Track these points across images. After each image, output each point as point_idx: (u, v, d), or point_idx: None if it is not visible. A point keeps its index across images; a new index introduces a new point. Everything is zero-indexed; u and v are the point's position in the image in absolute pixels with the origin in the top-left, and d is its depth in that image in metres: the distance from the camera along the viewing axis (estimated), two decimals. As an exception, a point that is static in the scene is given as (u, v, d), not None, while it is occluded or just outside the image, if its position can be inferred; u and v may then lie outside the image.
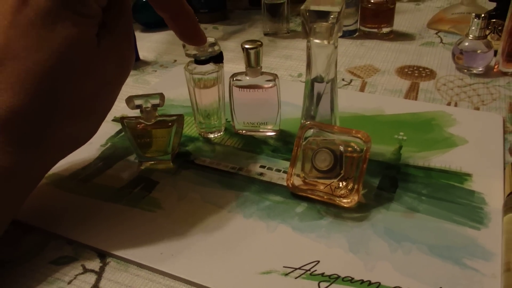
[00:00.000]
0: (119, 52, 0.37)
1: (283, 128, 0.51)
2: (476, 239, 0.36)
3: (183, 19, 0.41)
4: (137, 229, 0.39)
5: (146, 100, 0.44)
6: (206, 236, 0.38)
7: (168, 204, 0.41)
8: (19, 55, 0.31)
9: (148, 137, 0.45)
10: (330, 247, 0.36)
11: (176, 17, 0.41)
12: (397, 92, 0.60)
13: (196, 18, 0.42)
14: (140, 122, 0.45)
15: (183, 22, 0.41)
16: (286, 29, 0.82)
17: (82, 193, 0.43)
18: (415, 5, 0.96)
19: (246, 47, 0.45)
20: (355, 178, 0.39)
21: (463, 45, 0.62)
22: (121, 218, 0.40)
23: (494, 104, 0.56)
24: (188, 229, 0.39)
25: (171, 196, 0.42)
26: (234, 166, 0.46)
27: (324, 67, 0.42)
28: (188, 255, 0.36)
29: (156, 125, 0.45)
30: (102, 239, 0.38)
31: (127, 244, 0.37)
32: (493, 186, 0.42)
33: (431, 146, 0.48)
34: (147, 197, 0.42)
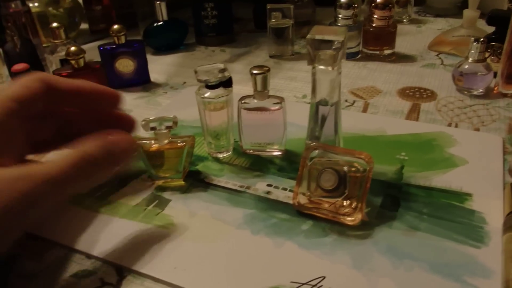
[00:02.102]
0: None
1: (289, 148, 0.53)
2: (477, 257, 0.38)
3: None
4: (151, 245, 0.40)
5: (160, 122, 0.46)
6: (216, 252, 0.39)
7: (180, 221, 0.43)
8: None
9: (161, 157, 0.47)
10: (335, 264, 0.38)
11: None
12: (399, 113, 0.62)
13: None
14: (154, 143, 0.47)
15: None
16: (291, 51, 0.85)
17: (99, 210, 0.45)
18: (416, 27, 0.99)
19: (254, 72, 0.47)
20: (358, 197, 0.41)
21: (463, 67, 0.64)
22: (136, 234, 0.42)
23: (494, 125, 0.58)
24: (199, 244, 0.40)
25: (183, 213, 0.44)
26: (242, 185, 0.48)
27: (328, 91, 0.45)
28: (199, 269, 0.38)
29: (168, 146, 0.47)
30: (119, 254, 0.40)
31: (142, 259, 0.39)
32: (493, 206, 0.43)
33: (432, 166, 0.49)
34: (160, 214, 0.44)
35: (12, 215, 0.32)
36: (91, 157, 0.36)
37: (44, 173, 0.34)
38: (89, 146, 0.36)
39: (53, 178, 0.34)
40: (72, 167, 0.35)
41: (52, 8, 0.94)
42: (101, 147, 0.37)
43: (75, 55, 0.62)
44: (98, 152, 0.36)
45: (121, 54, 0.72)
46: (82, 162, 0.35)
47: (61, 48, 0.72)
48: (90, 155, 0.36)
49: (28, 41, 0.76)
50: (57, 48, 0.72)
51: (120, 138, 0.39)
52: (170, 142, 0.47)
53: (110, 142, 0.38)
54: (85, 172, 0.36)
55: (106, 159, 0.37)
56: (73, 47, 0.63)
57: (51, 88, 0.41)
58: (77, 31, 1.02)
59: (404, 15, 1.02)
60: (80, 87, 0.43)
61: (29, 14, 0.77)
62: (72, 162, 0.35)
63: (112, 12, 1.03)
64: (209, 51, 0.92)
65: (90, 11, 1.02)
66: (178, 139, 0.48)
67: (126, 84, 0.74)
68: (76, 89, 0.42)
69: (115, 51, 0.72)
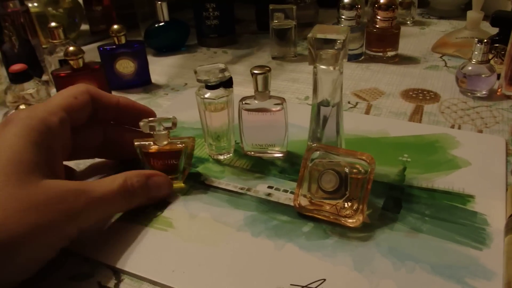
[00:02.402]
0: None
1: (290, 149, 0.53)
2: (478, 259, 0.37)
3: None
4: (150, 247, 0.40)
5: (159, 123, 0.46)
6: (216, 254, 0.39)
7: (179, 223, 0.43)
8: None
9: (160, 159, 0.47)
10: (336, 266, 0.37)
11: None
12: (402, 115, 0.61)
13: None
14: (153, 145, 0.46)
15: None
16: (293, 52, 0.84)
17: (96, 212, 0.45)
18: (419, 29, 0.98)
19: (255, 72, 0.47)
20: (360, 198, 0.41)
21: (466, 69, 0.64)
22: (135, 237, 0.41)
23: (497, 127, 0.57)
24: (198, 247, 0.40)
25: (183, 215, 0.44)
26: (242, 187, 0.48)
27: (330, 91, 0.44)
28: (199, 272, 0.37)
29: (167, 147, 0.46)
30: (117, 256, 0.39)
31: (140, 262, 0.38)
32: (495, 208, 0.43)
33: (435, 168, 0.49)
34: (159, 216, 0.44)
35: (72, 225, 0.36)
36: (134, 189, 0.41)
37: (101, 192, 0.38)
38: (133, 177, 0.41)
39: (107, 198, 0.38)
40: (119, 193, 0.39)
41: (51, 8, 0.93)
42: (144, 182, 0.42)
43: (73, 55, 0.62)
44: (140, 185, 0.42)
45: (121, 55, 0.72)
46: (127, 191, 0.40)
47: (60, 49, 0.72)
48: (133, 187, 0.41)
49: (27, 41, 0.76)
50: (56, 48, 0.72)
51: (161, 180, 0.44)
52: (169, 144, 0.47)
53: (153, 179, 0.43)
54: (126, 200, 0.41)
55: (145, 193, 0.43)
56: (71, 47, 0.62)
57: (95, 100, 0.46)
58: (77, 32, 1.02)
59: (407, 17, 1.01)
60: (120, 102, 0.48)
61: (27, 14, 0.76)
62: (119, 189, 0.40)
63: (112, 13, 1.03)
64: (210, 53, 0.92)
65: (90, 11, 1.02)
66: (177, 140, 0.47)
67: (126, 86, 0.74)
68: (116, 103, 0.48)
69: (115, 52, 0.71)
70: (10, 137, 0.37)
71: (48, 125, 0.39)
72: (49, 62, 0.73)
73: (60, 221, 0.34)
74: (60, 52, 0.71)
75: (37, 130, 0.38)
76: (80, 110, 0.44)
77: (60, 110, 0.41)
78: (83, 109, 0.44)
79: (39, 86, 0.62)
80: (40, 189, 0.35)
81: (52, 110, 0.41)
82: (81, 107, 0.44)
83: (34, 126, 0.38)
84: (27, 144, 0.36)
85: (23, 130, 0.37)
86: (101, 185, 0.39)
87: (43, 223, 0.33)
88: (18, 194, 0.33)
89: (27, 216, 0.33)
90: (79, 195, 0.36)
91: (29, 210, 0.33)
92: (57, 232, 0.35)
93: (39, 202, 0.34)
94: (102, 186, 0.38)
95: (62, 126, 0.40)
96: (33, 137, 0.37)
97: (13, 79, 0.61)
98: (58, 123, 0.40)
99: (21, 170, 0.35)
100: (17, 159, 0.35)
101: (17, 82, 0.61)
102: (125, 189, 0.40)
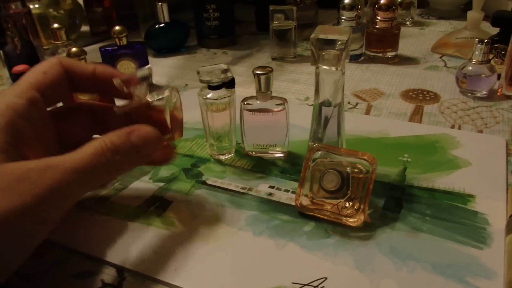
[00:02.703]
0: None
1: (291, 150, 0.53)
2: (479, 258, 0.37)
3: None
4: (152, 246, 0.40)
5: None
6: (218, 253, 0.39)
7: (181, 222, 0.43)
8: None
9: (143, 114, 0.41)
10: (337, 265, 0.37)
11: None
12: (402, 115, 0.62)
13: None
14: (133, 102, 0.41)
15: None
16: (293, 53, 0.84)
17: (100, 212, 0.45)
18: (419, 29, 0.99)
19: (257, 73, 0.47)
20: (361, 198, 0.41)
21: (466, 69, 0.64)
22: (137, 235, 0.42)
23: (497, 127, 0.58)
24: (200, 246, 0.40)
25: (184, 215, 0.44)
26: (244, 186, 0.48)
27: (332, 92, 0.44)
28: (201, 270, 0.38)
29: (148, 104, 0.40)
30: (120, 255, 0.39)
31: (143, 260, 0.39)
32: (496, 207, 0.43)
33: (435, 168, 0.49)
34: (161, 215, 0.44)
35: (46, 206, 0.31)
36: (114, 147, 0.35)
37: (71, 162, 0.33)
38: (112, 136, 0.36)
39: (81, 166, 0.33)
40: (96, 155, 0.34)
41: (52, 9, 0.94)
42: (125, 138, 0.36)
43: (76, 56, 0.62)
44: (122, 142, 0.36)
45: (122, 56, 0.72)
46: (107, 151, 0.35)
47: (62, 50, 0.72)
48: (113, 145, 0.35)
49: (29, 42, 0.76)
50: (58, 49, 0.72)
51: (145, 131, 0.38)
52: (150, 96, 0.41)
53: (134, 134, 0.37)
54: (109, 162, 0.35)
55: (130, 150, 0.36)
56: (74, 48, 0.63)
57: (69, 72, 0.41)
58: (78, 33, 1.02)
59: (407, 17, 1.02)
60: (97, 70, 0.42)
61: (29, 15, 0.77)
62: (96, 151, 0.34)
63: (113, 14, 1.03)
64: (211, 53, 0.92)
65: (91, 12, 1.02)
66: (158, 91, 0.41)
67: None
68: (92, 71, 0.42)
69: (116, 53, 0.72)
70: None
71: (14, 108, 0.35)
72: (50, 63, 0.73)
73: (26, 203, 0.30)
74: (62, 53, 0.71)
75: (1, 115, 0.34)
76: (52, 85, 0.39)
77: (29, 89, 0.37)
78: (56, 83, 0.40)
79: (41, 87, 0.63)
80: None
81: (20, 91, 0.37)
82: (52, 82, 0.39)
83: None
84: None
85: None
86: (73, 155, 0.34)
87: (2, 209, 0.30)
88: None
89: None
90: (43, 171, 0.32)
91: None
92: (28, 217, 0.31)
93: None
94: (74, 155, 0.34)
95: (32, 106, 0.37)
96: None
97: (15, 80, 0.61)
98: (26, 103, 0.36)
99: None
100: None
101: (19, 82, 0.61)
102: (104, 151, 0.35)
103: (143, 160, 0.39)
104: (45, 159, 0.33)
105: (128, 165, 0.38)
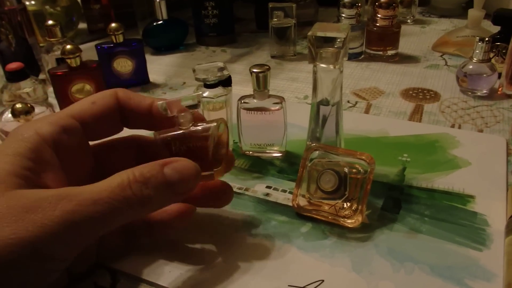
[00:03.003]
0: None
1: (289, 149, 0.52)
2: (478, 260, 0.37)
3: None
4: (147, 248, 0.40)
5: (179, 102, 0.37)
6: (213, 255, 0.39)
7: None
8: None
9: (184, 143, 0.36)
10: (334, 267, 0.37)
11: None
12: (402, 114, 0.61)
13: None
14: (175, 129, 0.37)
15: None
16: (293, 51, 0.84)
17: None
18: (420, 27, 0.98)
19: (254, 71, 0.47)
20: (359, 199, 0.40)
21: (467, 68, 0.64)
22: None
23: (498, 126, 0.57)
24: (196, 248, 0.39)
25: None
26: (241, 187, 0.47)
27: (330, 90, 0.44)
28: (196, 273, 0.37)
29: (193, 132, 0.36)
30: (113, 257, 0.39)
31: (137, 263, 0.38)
32: (495, 208, 0.42)
33: (435, 168, 0.48)
34: (156, 216, 0.43)
35: (54, 240, 0.28)
36: (144, 179, 0.31)
37: (90, 193, 0.29)
38: (143, 167, 0.32)
39: (100, 198, 0.29)
40: (121, 187, 0.30)
41: (49, 6, 0.93)
42: (157, 170, 0.32)
43: (71, 54, 0.61)
44: (153, 174, 0.32)
45: (119, 54, 0.71)
46: (134, 183, 0.31)
47: (57, 47, 0.71)
48: (143, 176, 0.31)
49: (24, 40, 0.75)
50: (53, 47, 0.72)
51: (182, 164, 0.33)
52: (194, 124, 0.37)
53: (169, 166, 0.33)
54: (136, 195, 0.31)
55: (162, 184, 0.32)
56: (68, 45, 0.62)
57: (123, 104, 0.38)
58: (75, 30, 1.01)
59: (408, 15, 1.01)
60: (154, 106, 0.38)
61: (25, 12, 0.76)
62: (122, 182, 0.30)
63: (110, 12, 1.02)
64: (209, 51, 0.91)
65: (88, 10, 1.01)
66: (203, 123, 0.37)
67: (124, 85, 0.72)
68: (149, 106, 0.38)
69: (113, 50, 0.71)
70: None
71: (41, 134, 0.33)
72: (46, 60, 0.73)
73: (31, 235, 0.27)
74: (57, 51, 0.71)
75: (23, 140, 0.32)
76: (99, 116, 0.37)
77: (67, 117, 0.35)
78: (104, 114, 0.37)
79: (36, 85, 0.62)
80: (3, 199, 0.28)
81: (56, 118, 0.35)
82: (100, 113, 0.37)
83: (24, 136, 0.33)
84: (3, 155, 0.31)
85: (10, 141, 0.33)
86: (95, 185, 0.30)
87: (2, 239, 0.27)
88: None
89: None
90: (57, 201, 0.28)
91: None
92: (31, 251, 0.27)
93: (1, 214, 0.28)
94: (96, 185, 0.30)
95: (65, 134, 0.34)
96: (14, 147, 0.32)
97: (9, 78, 0.60)
98: (58, 130, 0.34)
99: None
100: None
101: (14, 80, 0.60)
102: (131, 183, 0.30)
103: (177, 198, 0.35)
104: (63, 188, 0.30)
105: (159, 202, 0.33)
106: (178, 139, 0.36)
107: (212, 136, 0.36)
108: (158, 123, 0.38)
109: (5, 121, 0.54)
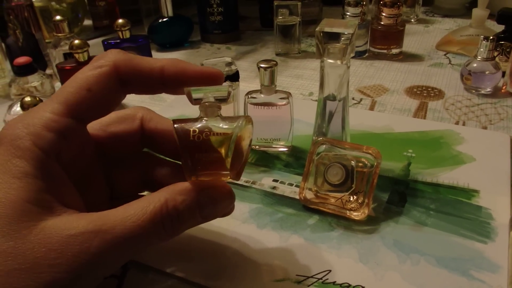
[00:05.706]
0: None
1: (295, 144, 0.53)
2: (483, 252, 0.37)
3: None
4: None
5: (205, 92, 0.32)
6: (222, 245, 0.39)
7: (184, 215, 0.43)
8: None
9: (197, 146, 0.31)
10: (341, 257, 0.37)
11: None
12: (406, 111, 0.61)
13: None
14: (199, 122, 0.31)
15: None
16: (297, 49, 0.84)
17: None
18: (424, 27, 0.98)
19: (261, 66, 0.47)
20: (365, 192, 0.41)
21: (471, 66, 0.64)
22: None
23: (502, 123, 0.57)
24: (204, 238, 0.40)
25: (188, 207, 0.44)
26: (248, 180, 0.48)
27: (337, 86, 0.44)
28: (205, 262, 0.37)
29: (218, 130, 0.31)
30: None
31: (146, 252, 0.38)
32: (500, 202, 0.43)
33: (439, 163, 0.49)
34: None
35: (81, 281, 0.26)
36: (177, 214, 0.29)
37: (123, 228, 0.27)
38: (177, 196, 0.29)
39: (133, 236, 0.27)
40: (154, 223, 0.28)
41: (55, 2, 0.93)
42: (191, 202, 0.30)
43: (79, 49, 0.62)
44: (187, 206, 0.29)
45: (126, 49, 0.71)
46: (167, 219, 0.29)
47: (64, 42, 0.72)
48: (177, 211, 0.29)
49: (31, 35, 0.76)
50: (61, 42, 0.72)
51: (220, 192, 0.31)
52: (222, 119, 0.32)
53: (205, 194, 0.30)
54: (166, 230, 0.29)
55: (195, 215, 0.30)
56: (77, 40, 0.62)
57: (128, 74, 0.32)
58: (80, 27, 1.02)
59: (411, 15, 1.01)
60: (166, 69, 0.33)
61: (31, 8, 0.76)
62: (155, 217, 0.28)
63: (116, 8, 1.03)
64: (214, 49, 0.92)
65: (94, 7, 1.02)
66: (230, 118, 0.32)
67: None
68: (159, 71, 0.33)
69: (119, 46, 0.72)
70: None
71: (41, 146, 0.28)
72: (53, 55, 0.73)
73: (57, 280, 0.25)
74: (65, 46, 0.71)
75: (25, 157, 0.27)
76: (97, 104, 0.31)
77: (64, 117, 0.29)
78: (105, 100, 0.32)
79: (44, 79, 0.63)
80: (32, 239, 0.26)
81: (52, 121, 0.29)
82: (98, 101, 0.31)
83: (23, 150, 0.27)
84: (9, 178, 0.27)
85: (7, 157, 0.27)
86: (125, 217, 0.27)
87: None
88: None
89: (12, 281, 0.25)
90: (89, 240, 0.26)
91: (14, 273, 0.25)
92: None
93: (28, 259, 0.25)
94: (127, 219, 0.27)
95: (65, 141, 0.29)
96: (20, 166, 0.27)
97: (17, 72, 0.61)
98: (58, 139, 0.29)
99: (4, 216, 0.26)
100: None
101: (22, 75, 0.61)
102: (163, 218, 0.28)
103: (202, 222, 0.32)
104: (92, 219, 0.27)
105: (184, 230, 0.31)
106: (198, 130, 0.31)
107: (234, 135, 0.31)
108: (171, 85, 0.33)
109: (14, 114, 0.55)
